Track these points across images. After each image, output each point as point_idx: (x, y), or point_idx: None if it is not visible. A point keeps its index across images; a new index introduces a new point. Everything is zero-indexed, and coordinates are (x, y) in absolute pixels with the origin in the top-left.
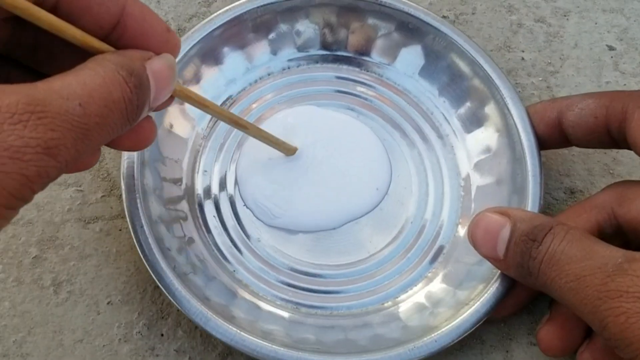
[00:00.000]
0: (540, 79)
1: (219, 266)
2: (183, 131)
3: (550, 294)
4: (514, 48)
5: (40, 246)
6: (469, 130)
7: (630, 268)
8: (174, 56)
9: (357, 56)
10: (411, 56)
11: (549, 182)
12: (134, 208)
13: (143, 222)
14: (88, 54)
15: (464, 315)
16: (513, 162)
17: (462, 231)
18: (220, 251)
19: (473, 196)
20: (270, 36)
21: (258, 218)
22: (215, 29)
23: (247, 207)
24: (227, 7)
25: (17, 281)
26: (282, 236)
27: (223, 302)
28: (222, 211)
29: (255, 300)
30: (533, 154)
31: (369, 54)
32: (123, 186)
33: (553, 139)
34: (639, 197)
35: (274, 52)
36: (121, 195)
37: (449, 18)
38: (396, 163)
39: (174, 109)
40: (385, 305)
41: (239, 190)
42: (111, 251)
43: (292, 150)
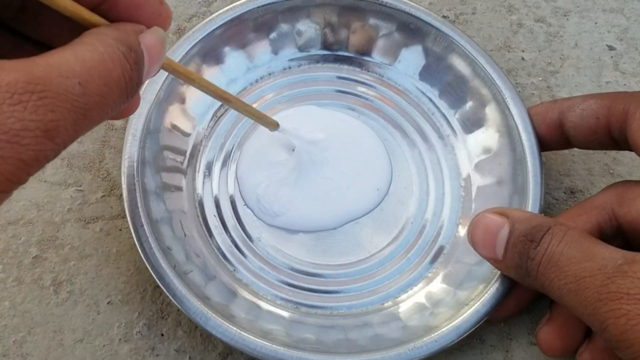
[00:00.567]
0: (541, 78)
1: (219, 266)
2: (184, 130)
3: (549, 295)
4: (514, 48)
5: (40, 246)
6: (470, 130)
7: (630, 270)
8: (165, 29)
9: (358, 56)
10: (412, 56)
11: (549, 182)
12: (135, 207)
13: (143, 222)
14: (76, 24)
15: (464, 315)
16: (514, 162)
17: (462, 231)
18: (221, 250)
19: (473, 196)
20: (271, 36)
21: (258, 217)
22: (216, 28)
23: (248, 207)
24: (228, 6)
25: (17, 281)
26: (282, 236)
27: (223, 302)
28: (223, 211)
29: (255, 299)
30: (534, 154)
31: (370, 54)
32: (124, 186)
33: (554, 140)
34: (639, 197)
35: (275, 52)
36: (121, 195)
37: (449, 18)
38: (397, 163)
39: (175, 108)
40: (386, 305)
41: (240, 190)
42: (111, 251)
43: (274, 124)
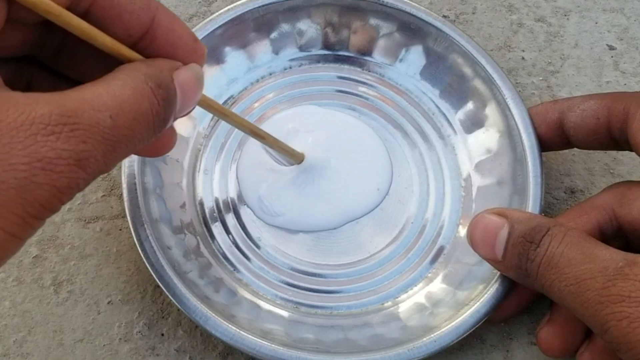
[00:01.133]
0: (541, 78)
1: (219, 265)
2: (184, 130)
3: (549, 296)
4: (514, 48)
5: (40, 246)
6: (470, 130)
7: (632, 272)
8: (200, 65)
9: (358, 56)
10: (413, 56)
11: (549, 182)
12: (135, 207)
13: (144, 221)
14: (112, 59)
15: (464, 315)
16: (514, 162)
17: (462, 232)
18: (221, 250)
19: (474, 196)
20: (272, 35)
21: (259, 217)
22: (217, 28)
23: (248, 207)
24: (228, 6)
25: (17, 281)
26: (282, 236)
27: (223, 301)
28: (223, 210)
29: (255, 299)
30: (534, 155)
31: (370, 54)
32: (124, 185)
33: (554, 140)
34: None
35: (275, 52)
36: (121, 194)
37: (449, 18)
38: (397, 163)
39: None
40: (385, 305)
41: (240, 190)
42: (111, 251)
43: (300, 157)
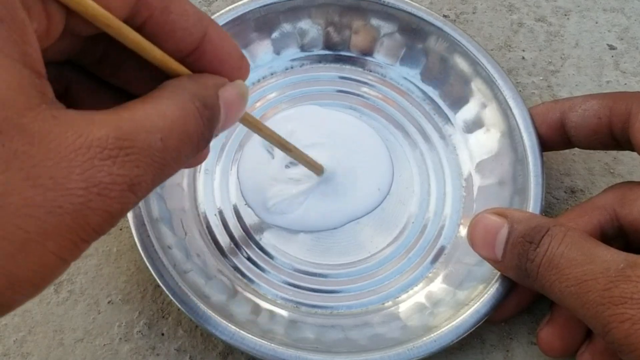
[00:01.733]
0: (541, 78)
1: (219, 265)
2: None
3: (549, 296)
4: (514, 47)
5: None
6: (471, 130)
7: (633, 274)
8: (244, 80)
9: (360, 56)
10: (414, 56)
11: (549, 182)
12: (135, 207)
13: (144, 221)
14: (155, 68)
15: (464, 315)
16: (515, 163)
17: (463, 232)
18: (221, 250)
19: (475, 196)
20: (273, 35)
21: (259, 217)
22: None
23: (249, 206)
24: (229, 6)
25: None
26: (283, 235)
27: (223, 301)
28: (223, 210)
29: (255, 299)
30: (535, 155)
31: (372, 54)
32: None
33: (555, 140)
34: None
35: (277, 52)
36: None
37: (449, 17)
38: (398, 163)
39: None
40: (386, 305)
41: (241, 189)
42: (112, 250)
43: (320, 169)
